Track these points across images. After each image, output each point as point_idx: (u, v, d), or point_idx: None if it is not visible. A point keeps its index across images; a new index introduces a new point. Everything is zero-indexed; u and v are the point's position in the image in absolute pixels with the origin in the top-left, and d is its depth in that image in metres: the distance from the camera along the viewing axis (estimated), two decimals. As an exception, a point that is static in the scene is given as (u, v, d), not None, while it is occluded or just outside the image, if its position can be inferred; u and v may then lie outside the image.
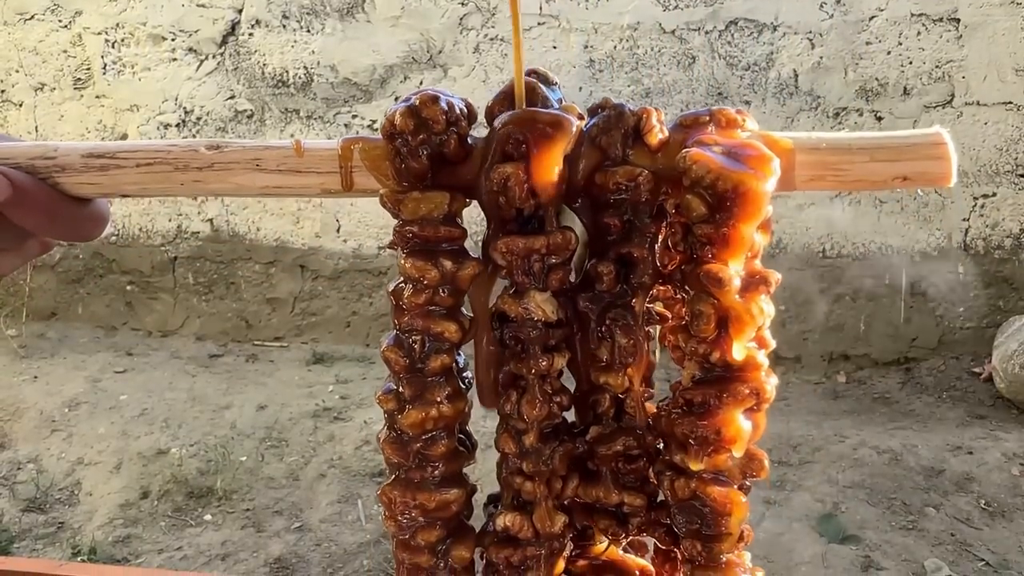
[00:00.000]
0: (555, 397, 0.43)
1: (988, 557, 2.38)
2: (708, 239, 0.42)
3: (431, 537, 0.43)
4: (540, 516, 0.43)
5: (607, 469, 0.44)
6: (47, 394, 3.50)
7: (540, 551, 0.43)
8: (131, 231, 4.24)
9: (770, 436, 3.10)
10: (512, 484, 0.44)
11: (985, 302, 3.66)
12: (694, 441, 0.42)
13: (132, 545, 2.68)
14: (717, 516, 0.42)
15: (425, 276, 0.42)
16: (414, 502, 0.43)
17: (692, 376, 0.43)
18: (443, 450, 0.43)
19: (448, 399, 0.43)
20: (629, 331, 0.43)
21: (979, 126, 3.56)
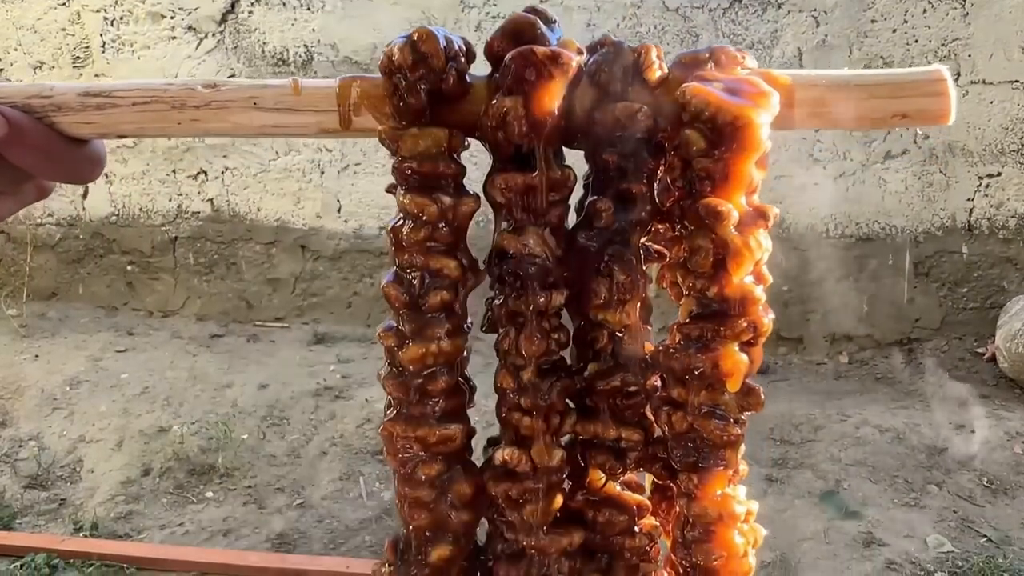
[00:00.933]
0: (553, 334, 0.43)
1: (990, 533, 2.38)
2: (707, 173, 0.41)
3: (432, 471, 0.43)
4: (538, 451, 0.43)
5: (605, 405, 0.44)
6: (48, 373, 3.51)
7: (538, 485, 0.43)
8: (131, 211, 4.24)
9: (772, 415, 3.10)
10: (511, 421, 0.44)
11: (989, 282, 3.65)
12: (692, 375, 0.42)
13: (134, 521, 2.69)
14: (714, 449, 0.42)
15: (424, 212, 0.42)
16: (415, 436, 0.43)
17: (690, 312, 0.43)
18: (443, 386, 0.43)
19: (448, 335, 0.43)
20: (627, 267, 0.43)
21: (984, 105, 3.54)
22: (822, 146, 3.69)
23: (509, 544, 0.45)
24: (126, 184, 4.20)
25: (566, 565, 0.44)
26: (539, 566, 0.43)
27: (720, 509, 0.43)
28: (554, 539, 0.44)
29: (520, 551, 0.44)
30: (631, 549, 0.46)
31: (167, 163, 4.15)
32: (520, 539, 0.44)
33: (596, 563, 0.46)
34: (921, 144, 3.61)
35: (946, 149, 3.60)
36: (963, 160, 3.59)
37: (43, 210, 4.29)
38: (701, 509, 0.43)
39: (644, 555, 0.46)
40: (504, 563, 0.44)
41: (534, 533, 0.43)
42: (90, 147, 0.49)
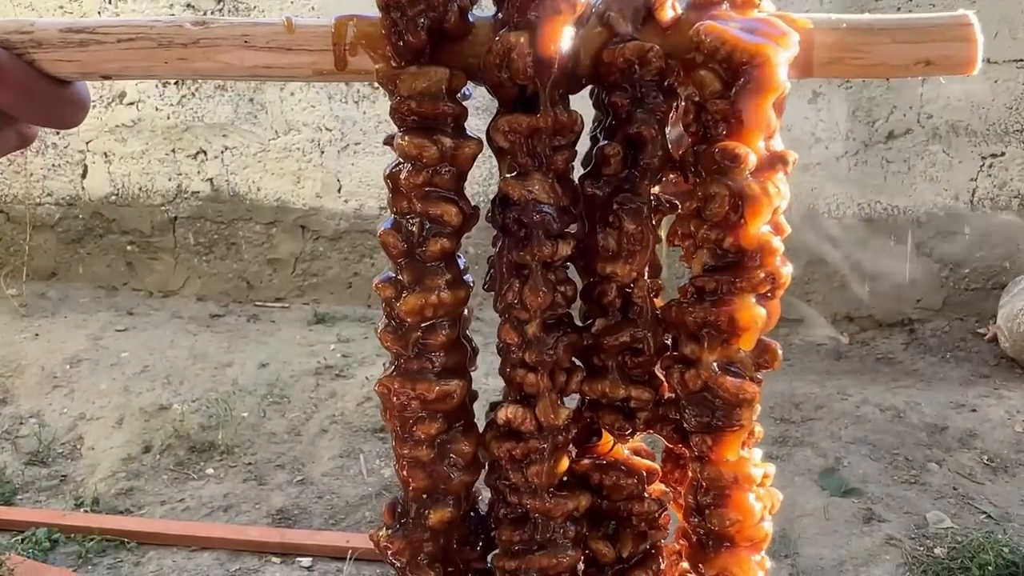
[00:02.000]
0: (560, 287, 0.41)
1: (990, 510, 2.38)
2: (722, 116, 0.39)
3: (431, 430, 0.42)
4: (543, 408, 0.41)
5: (613, 363, 0.43)
6: (48, 351, 3.50)
7: (543, 445, 0.41)
8: (131, 191, 4.21)
9: (773, 394, 3.09)
10: (515, 378, 0.42)
11: (991, 263, 3.64)
12: (706, 330, 0.40)
13: (134, 497, 2.69)
14: (729, 408, 0.40)
15: (423, 154, 0.40)
16: (413, 392, 0.41)
17: (704, 265, 0.41)
18: (443, 339, 0.41)
19: (448, 286, 0.41)
20: (637, 216, 0.41)
21: (989, 84, 3.50)
22: (825, 125, 3.66)
23: (512, 508, 0.43)
24: (125, 163, 4.17)
25: (571, 530, 0.42)
26: (543, 530, 0.42)
27: (735, 472, 0.41)
28: (559, 502, 0.42)
29: (523, 515, 0.43)
30: (639, 515, 0.44)
31: (166, 142, 4.12)
32: (523, 502, 0.42)
33: (603, 529, 0.44)
34: (924, 124, 3.58)
35: (949, 129, 3.57)
36: (966, 140, 3.56)
37: (42, 190, 4.27)
38: (715, 472, 0.41)
39: (653, 522, 0.44)
40: (507, 527, 0.43)
41: (538, 496, 0.42)
42: (73, 88, 0.47)
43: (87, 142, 4.19)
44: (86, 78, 0.47)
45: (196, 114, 4.06)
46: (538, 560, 0.42)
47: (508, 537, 0.43)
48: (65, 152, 4.22)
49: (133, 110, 4.11)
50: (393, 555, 0.41)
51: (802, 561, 2.26)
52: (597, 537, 0.44)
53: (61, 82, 0.46)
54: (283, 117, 4.04)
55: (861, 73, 0.44)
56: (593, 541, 0.44)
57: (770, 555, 1.45)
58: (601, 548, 0.44)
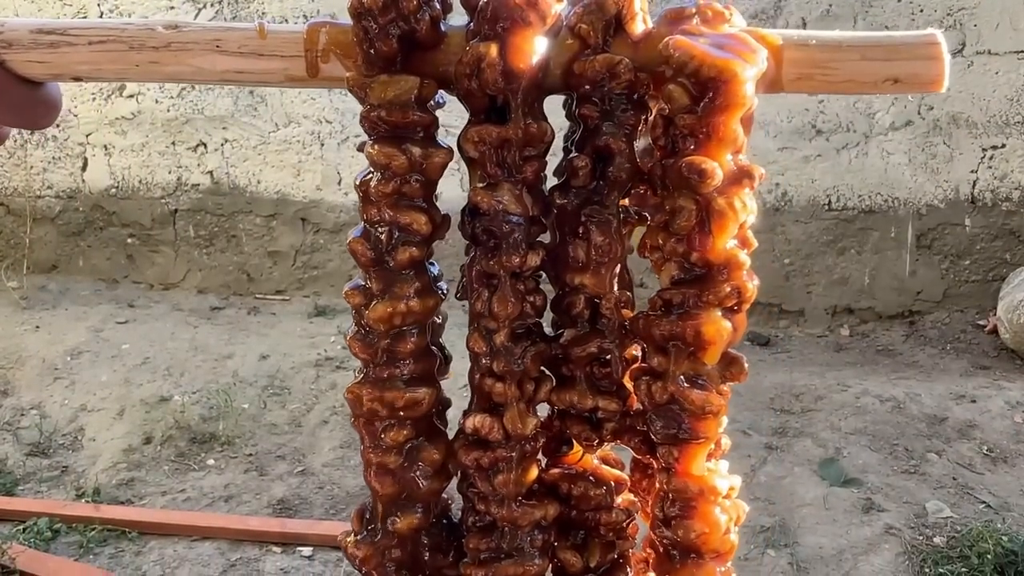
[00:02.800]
0: (528, 297, 0.42)
1: (989, 500, 2.39)
2: (690, 130, 0.39)
3: (399, 437, 0.42)
4: (511, 417, 0.42)
5: (581, 373, 0.43)
6: (49, 343, 3.51)
7: (511, 453, 0.42)
8: (131, 183, 4.22)
9: (773, 385, 3.10)
10: (483, 387, 0.42)
11: (991, 255, 3.63)
12: (673, 343, 0.40)
13: (135, 488, 2.71)
14: (695, 420, 0.41)
15: (392, 163, 0.40)
16: (381, 399, 0.41)
17: (671, 277, 0.41)
18: (412, 347, 0.42)
19: (417, 294, 0.41)
20: (605, 228, 0.41)
21: (990, 76, 3.49)
22: (825, 118, 3.65)
23: (480, 516, 0.44)
24: (125, 156, 4.18)
25: (539, 539, 0.43)
26: (511, 538, 0.42)
27: (701, 484, 0.42)
28: (526, 511, 0.42)
29: (491, 523, 0.43)
30: (607, 524, 0.44)
31: (166, 135, 4.13)
32: (491, 511, 0.42)
33: (571, 539, 0.45)
34: (925, 115, 3.56)
35: (950, 120, 3.56)
36: (967, 132, 3.55)
37: (42, 183, 4.27)
38: (681, 484, 0.41)
39: (621, 531, 0.45)
40: (475, 535, 0.43)
41: (506, 504, 0.42)
42: (44, 90, 0.47)
43: (87, 135, 4.19)
44: (57, 79, 0.47)
45: (196, 107, 4.06)
46: (505, 568, 0.42)
47: (476, 545, 0.43)
48: (65, 145, 4.22)
49: (133, 103, 4.11)
50: (360, 561, 0.42)
51: (801, 551, 2.27)
52: (565, 547, 0.45)
53: (32, 83, 0.46)
54: (283, 110, 4.03)
55: (830, 89, 0.44)
56: (561, 551, 0.45)
57: (769, 545, 1.47)
58: (569, 558, 0.44)
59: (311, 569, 2.36)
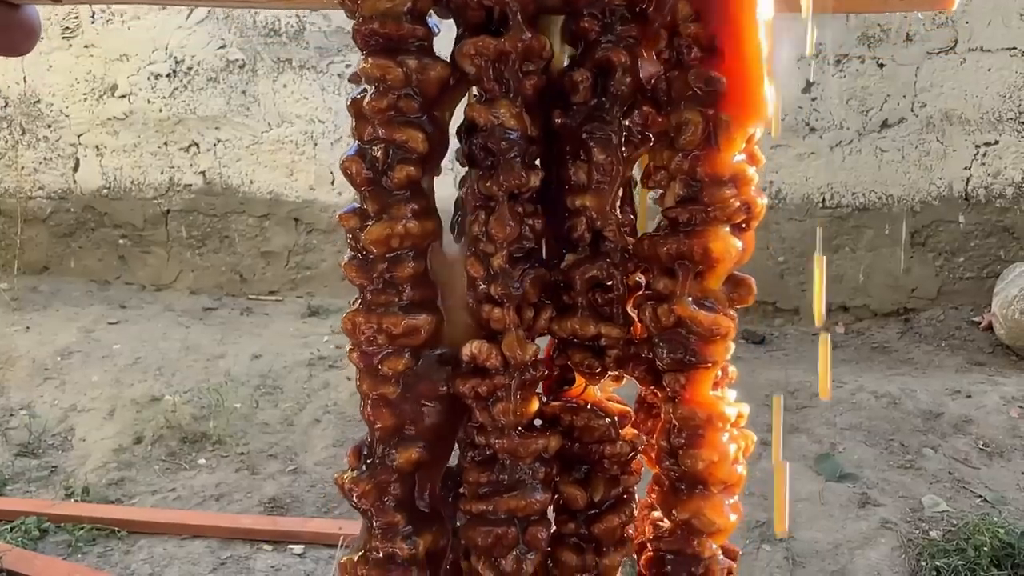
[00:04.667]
0: (528, 220, 0.40)
1: (985, 494, 2.38)
2: (696, 40, 0.38)
3: (397, 366, 0.40)
4: (509, 343, 0.40)
5: (583, 300, 0.41)
6: (40, 344, 3.48)
7: (510, 381, 0.40)
8: (123, 184, 4.19)
9: (768, 382, 3.09)
10: (480, 314, 0.41)
11: (986, 252, 3.63)
12: (680, 262, 0.39)
13: (126, 487, 2.68)
14: (702, 344, 0.39)
15: (387, 76, 0.39)
16: (378, 326, 0.40)
17: (676, 197, 0.40)
18: (411, 272, 0.40)
19: (415, 216, 0.40)
20: (606, 146, 0.40)
21: (982, 72, 3.50)
22: (819, 115, 3.66)
23: (479, 450, 0.42)
24: (117, 157, 4.16)
25: (541, 472, 0.41)
26: (511, 471, 0.41)
27: (708, 411, 0.40)
28: (527, 441, 0.41)
29: (491, 456, 0.42)
30: (611, 457, 0.43)
31: (158, 135, 4.11)
32: (491, 442, 0.41)
33: (574, 474, 0.43)
34: (918, 112, 3.58)
35: (943, 117, 3.57)
36: (960, 128, 3.56)
37: (33, 183, 4.25)
38: (688, 411, 0.40)
39: (625, 465, 0.43)
40: (474, 469, 0.42)
41: (506, 434, 0.41)
42: (22, 13, 0.45)
43: (79, 135, 4.17)
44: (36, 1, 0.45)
45: (188, 106, 4.04)
46: (506, 502, 0.40)
47: (475, 479, 0.42)
48: (56, 145, 4.20)
49: (125, 103, 4.09)
50: (358, 498, 0.40)
51: (797, 545, 2.26)
52: (568, 481, 0.43)
53: (9, 5, 0.44)
54: (276, 109, 4.02)
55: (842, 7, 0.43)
56: (564, 485, 0.43)
57: (765, 540, 1.45)
58: (572, 492, 0.43)
59: (302, 567, 2.34)
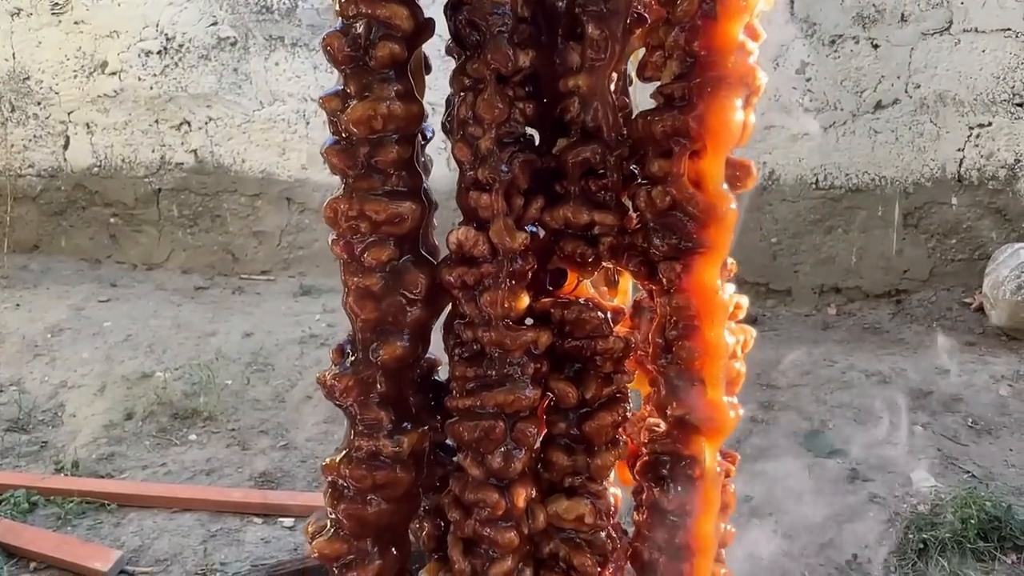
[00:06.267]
0: (518, 103, 0.39)
1: (974, 470, 2.39)
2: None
3: (382, 256, 0.39)
4: (497, 230, 0.39)
5: (576, 188, 0.40)
6: (29, 321, 3.46)
7: (498, 270, 0.39)
8: (113, 162, 4.16)
9: (758, 361, 3.09)
10: (468, 202, 0.40)
11: (978, 233, 3.64)
12: (675, 140, 0.38)
13: (116, 462, 2.66)
14: (699, 227, 0.38)
15: (370, -51, 0.37)
16: (360, 211, 0.39)
17: (672, 74, 0.38)
18: (395, 157, 0.39)
19: (399, 97, 0.39)
20: (602, 21, 0.39)
21: (976, 54, 3.50)
22: (813, 95, 3.65)
23: (467, 346, 0.41)
24: (108, 135, 4.12)
25: (530, 367, 0.40)
26: (500, 365, 0.39)
27: (704, 298, 0.39)
28: (515, 333, 0.40)
29: (479, 352, 0.40)
30: (604, 353, 0.42)
31: (149, 113, 4.07)
32: (479, 336, 0.40)
33: (565, 371, 0.42)
34: (912, 94, 3.57)
35: (937, 99, 3.56)
36: (954, 110, 3.56)
37: (23, 161, 4.21)
38: (683, 300, 0.39)
39: (618, 363, 0.42)
40: (461, 365, 0.41)
41: (494, 326, 0.39)
42: None
43: (69, 112, 4.13)
44: None
45: (179, 84, 4.01)
46: (494, 396, 0.39)
47: (463, 373, 0.41)
48: (46, 123, 4.16)
49: (115, 80, 4.05)
50: (340, 393, 0.39)
51: (786, 519, 2.26)
52: (559, 378, 0.42)
53: None
54: (267, 87, 3.99)
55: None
56: (555, 381, 0.42)
57: (753, 514, 1.44)
58: (564, 388, 0.42)
59: (292, 539, 2.33)
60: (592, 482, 0.42)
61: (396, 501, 0.41)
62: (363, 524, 0.41)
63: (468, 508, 0.41)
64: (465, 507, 0.41)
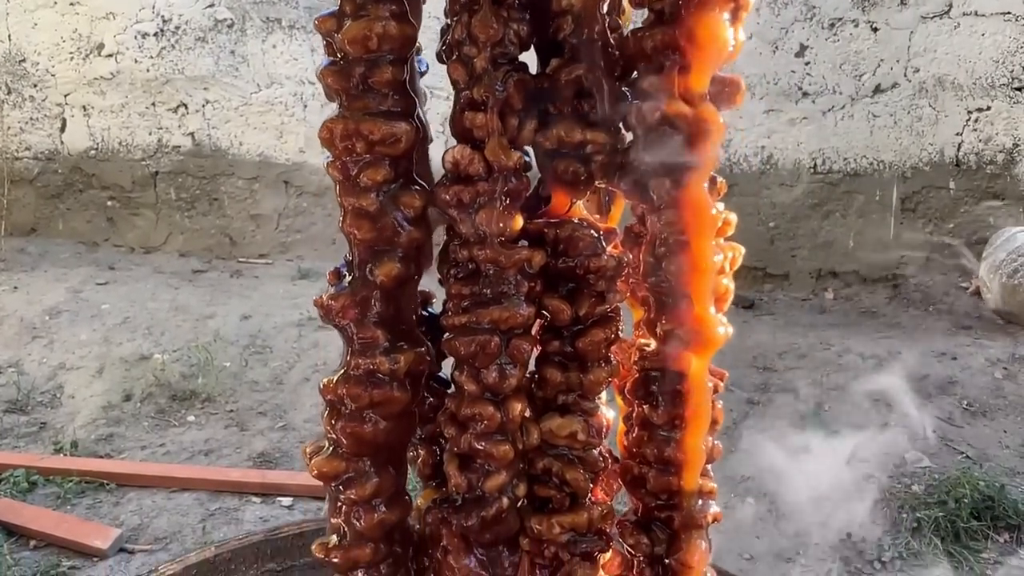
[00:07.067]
0: (512, 24, 0.40)
1: (968, 451, 2.40)
2: None
3: (377, 176, 0.40)
4: (492, 149, 0.39)
5: (568, 108, 0.41)
6: (27, 303, 3.46)
7: (493, 187, 0.40)
8: (110, 145, 4.15)
9: (756, 345, 3.10)
10: (463, 123, 0.40)
11: (975, 218, 3.64)
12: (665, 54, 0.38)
13: (114, 443, 2.67)
14: (691, 137, 0.39)
15: None
16: (356, 131, 0.39)
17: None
18: (390, 77, 0.39)
19: (393, 17, 0.39)
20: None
21: (976, 37, 3.49)
22: (811, 79, 3.65)
23: (462, 266, 0.41)
24: (104, 117, 4.11)
25: (524, 285, 0.41)
26: (495, 283, 0.40)
27: (693, 214, 0.40)
28: (510, 251, 0.40)
29: (474, 271, 0.41)
30: (597, 271, 0.42)
31: (146, 95, 4.06)
32: (473, 254, 0.40)
33: (560, 290, 0.43)
34: (911, 78, 3.57)
35: (936, 83, 3.56)
36: (953, 94, 3.56)
37: (20, 144, 4.20)
38: (673, 215, 0.39)
39: (611, 281, 0.43)
40: (456, 283, 0.41)
41: (489, 243, 0.40)
42: None
43: (65, 95, 4.12)
44: None
45: (176, 66, 4.00)
46: (489, 312, 0.40)
47: (458, 292, 0.41)
48: (43, 105, 4.15)
49: (112, 62, 4.04)
50: (337, 313, 0.40)
51: (780, 498, 2.27)
52: (553, 296, 0.43)
53: None
54: (265, 70, 3.98)
55: None
56: (549, 299, 0.43)
57: (747, 493, 1.46)
58: (558, 305, 0.42)
59: (291, 518, 2.34)
60: (585, 399, 0.43)
61: (393, 419, 0.41)
62: (361, 442, 0.41)
63: (464, 424, 0.41)
64: (461, 423, 0.41)
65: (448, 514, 0.42)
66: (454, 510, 0.42)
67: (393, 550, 0.44)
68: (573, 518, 0.43)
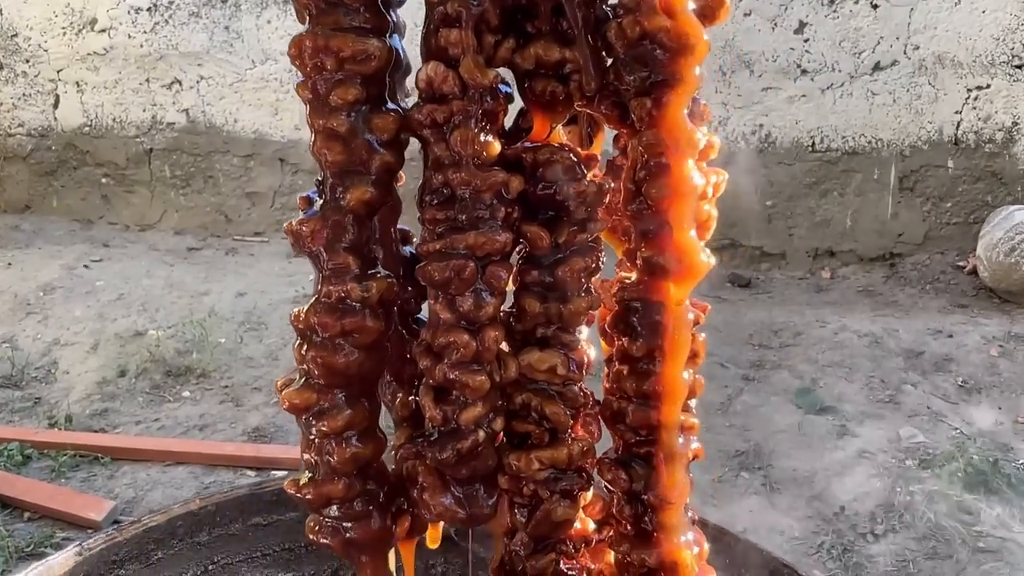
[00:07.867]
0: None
1: (962, 427, 2.40)
2: None
3: (348, 95, 0.38)
4: (467, 66, 0.38)
5: (546, 27, 0.40)
6: (21, 279, 3.45)
7: (469, 106, 0.38)
8: (104, 121, 4.12)
9: (752, 322, 3.09)
10: (437, 41, 0.39)
11: (973, 197, 3.63)
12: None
13: (109, 418, 2.67)
14: (670, 58, 0.37)
15: None
16: (326, 46, 0.38)
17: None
18: (361, -8, 0.38)
19: (364, -73, 0.38)
20: None
21: (976, 14, 3.46)
22: (811, 57, 3.62)
23: (437, 192, 0.40)
24: (98, 93, 4.08)
25: (501, 210, 0.39)
26: (471, 208, 0.39)
27: (673, 135, 0.38)
28: (486, 174, 0.39)
29: (449, 196, 0.40)
30: (576, 196, 0.41)
31: (140, 72, 4.03)
32: (448, 177, 0.39)
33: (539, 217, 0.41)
34: (911, 55, 3.54)
35: (935, 60, 3.54)
36: (952, 72, 3.53)
37: (12, 120, 4.17)
38: (653, 136, 0.38)
39: (591, 207, 0.42)
40: (431, 208, 0.40)
41: (464, 166, 0.39)
42: None
43: (58, 71, 4.08)
44: None
45: (170, 42, 3.96)
46: (465, 237, 0.39)
47: (432, 217, 0.40)
48: (35, 81, 4.12)
49: (105, 37, 4.00)
50: (308, 238, 0.39)
51: (775, 472, 2.28)
52: (532, 223, 0.42)
53: None
54: (260, 46, 3.95)
55: None
56: (527, 225, 0.42)
57: (743, 467, 1.45)
58: (536, 231, 0.41)
59: (287, 491, 2.35)
60: (565, 332, 0.42)
61: (365, 349, 0.40)
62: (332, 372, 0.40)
63: (439, 354, 0.40)
64: (435, 353, 0.40)
65: (423, 448, 0.41)
66: (428, 444, 0.41)
67: (367, 487, 0.43)
68: (553, 453, 0.42)
